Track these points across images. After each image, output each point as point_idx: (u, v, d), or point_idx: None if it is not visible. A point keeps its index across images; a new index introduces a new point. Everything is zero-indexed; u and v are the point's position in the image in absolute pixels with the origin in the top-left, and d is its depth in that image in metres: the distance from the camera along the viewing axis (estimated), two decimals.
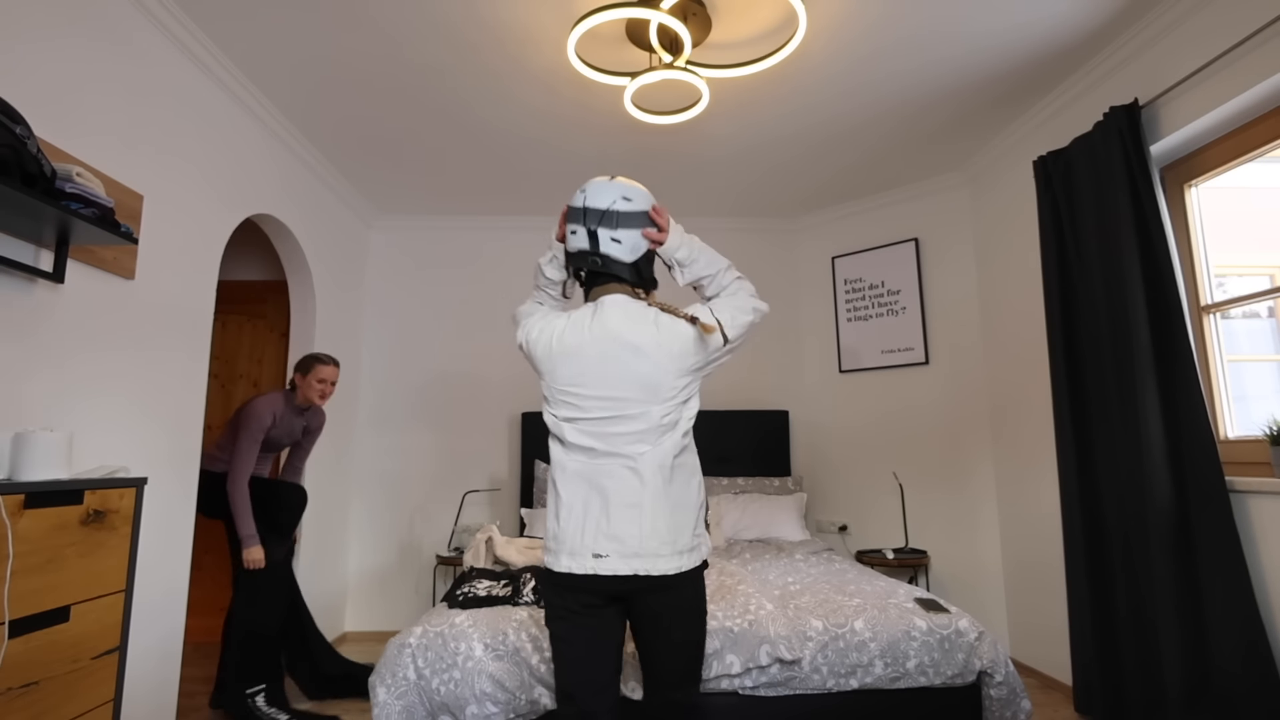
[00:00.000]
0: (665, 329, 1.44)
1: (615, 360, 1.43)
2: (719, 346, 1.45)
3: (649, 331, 1.43)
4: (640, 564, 1.38)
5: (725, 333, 1.44)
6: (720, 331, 1.43)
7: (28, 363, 1.79)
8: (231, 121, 2.73)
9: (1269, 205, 2.39)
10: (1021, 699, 2.02)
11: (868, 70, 2.68)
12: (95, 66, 2.01)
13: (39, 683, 1.43)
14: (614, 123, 3.10)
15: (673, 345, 1.43)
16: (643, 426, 1.43)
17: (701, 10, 2.27)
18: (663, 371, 1.43)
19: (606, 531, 1.40)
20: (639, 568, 1.38)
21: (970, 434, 3.55)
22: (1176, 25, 2.28)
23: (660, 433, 1.44)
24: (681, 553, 1.42)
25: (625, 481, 1.42)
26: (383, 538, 4.03)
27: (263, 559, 2.60)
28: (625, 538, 1.38)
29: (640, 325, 1.44)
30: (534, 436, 4.02)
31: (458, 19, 2.35)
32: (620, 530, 1.39)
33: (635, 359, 1.43)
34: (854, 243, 4.14)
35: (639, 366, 1.42)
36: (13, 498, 1.39)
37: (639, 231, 1.49)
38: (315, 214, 3.50)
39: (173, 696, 2.38)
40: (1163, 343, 2.24)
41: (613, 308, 1.48)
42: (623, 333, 1.44)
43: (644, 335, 1.43)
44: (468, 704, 1.90)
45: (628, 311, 1.46)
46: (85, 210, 1.71)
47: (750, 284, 1.57)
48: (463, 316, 4.26)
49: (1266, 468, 2.09)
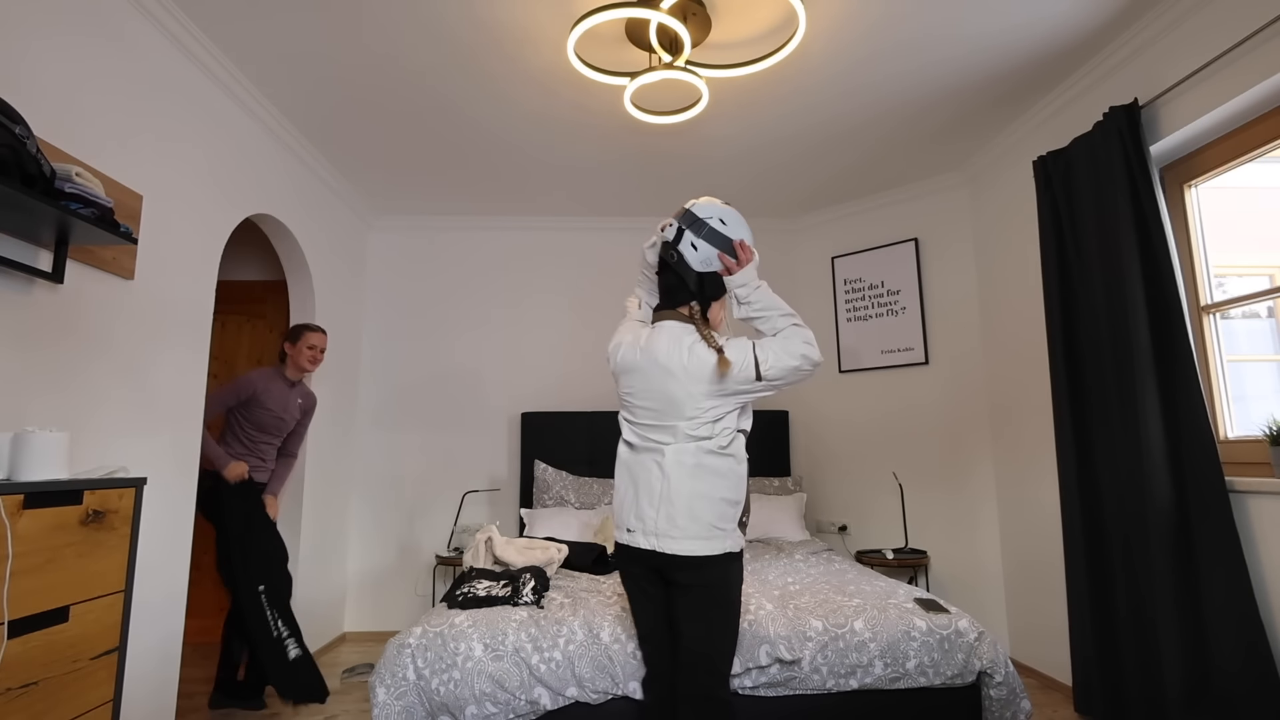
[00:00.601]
0: (694, 356, 1.65)
1: (654, 378, 1.69)
2: (749, 380, 1.63)
3: (680, 358, 1.66)
4: (657, 541, 1.63)
5: (760, 370, 1.61)
6: (754, 368, 1.62)
7: (27, 363, 1.79)
8: (231, 121, 2.72)
9: (1269, 205, 2.39)
10: (1021, 699, 2.02)
11: (868, 70, 2.68)
12: (95, 66, 2.01)
13: (38, 683, 1.43)
14: (614, 123, 3.10)
15: (698, 371, 1.64)
16: (670, 435, 1.68)
17: (701, 10, 2.27)
18: (686, 393, 1.65)
19: (635, 512, 1.69)
20: (655, 544, 1.63)
21: (970, 434, 3.55)
22: (1176, 25, 2.28)
23: (686, 439, 1.66)
24: (696, 538, 1.61)
25: (651, 473, 1.68)
26: (382, 538, 4.03)
27: (245, 470, 2.68)
28: (646, 518, 1.66)
29: (675, 352, 1.67)
30: (534, 436, 4.02)
31: (457, 19, 2.35)
32: (644, 512, 1.67)
33: (667, 380, 1.67)
34: (854, 243, 4.14)
35: (668, 386, 1.67)
36: (12, 498, 1.39)
37: (717, 252, 1.70)
38: (315, 214, 3.50)
39: (172, 697, 2.38)
40: (1163, 343, 2.24)
41: (660, 334, 1.72)
42: (659, 357, 1.69)
43: (675, 361, 1.66)
44: (467, 704, 1.90)
45: (670, 337, 1.70)
46: (84, 210, 1.71)
47: (810, 333, 1.68)
48: (462, 316, 4.26)
49: (1266, 468, 2.09)
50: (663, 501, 1.64)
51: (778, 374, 1.63)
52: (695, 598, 1.66)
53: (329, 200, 3.67)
